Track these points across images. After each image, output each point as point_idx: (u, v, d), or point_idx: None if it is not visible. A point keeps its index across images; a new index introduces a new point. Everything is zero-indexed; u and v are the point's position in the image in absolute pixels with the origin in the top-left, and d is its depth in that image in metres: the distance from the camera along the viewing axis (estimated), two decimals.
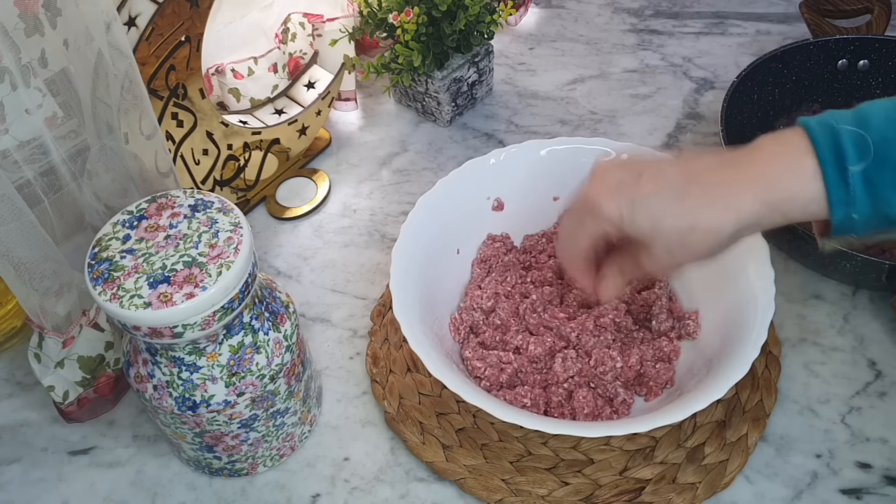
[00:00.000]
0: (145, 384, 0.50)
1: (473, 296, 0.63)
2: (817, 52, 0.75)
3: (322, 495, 0.57)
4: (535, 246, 0.67)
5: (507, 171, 0.65)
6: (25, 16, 0.46)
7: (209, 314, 0.46)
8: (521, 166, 0.65)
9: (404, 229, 0.60)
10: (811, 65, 0.75)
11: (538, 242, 0.67)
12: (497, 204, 0.66)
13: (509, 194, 0.66)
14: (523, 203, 0.66)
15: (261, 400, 0.52)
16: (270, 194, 0.78)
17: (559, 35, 0.95)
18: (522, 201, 0.66)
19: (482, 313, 0.63)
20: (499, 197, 0.66)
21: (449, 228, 0.64)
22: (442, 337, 0.60)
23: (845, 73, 0.75)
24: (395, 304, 0.55)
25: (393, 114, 0.86)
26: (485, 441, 0.59)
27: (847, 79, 0.75)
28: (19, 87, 0.48)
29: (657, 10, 0.97)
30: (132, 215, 0.49)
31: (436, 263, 0.62)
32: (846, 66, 0.74)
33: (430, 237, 0.62)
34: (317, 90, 0.80)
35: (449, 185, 0.64)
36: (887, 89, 0.75)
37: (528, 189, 0.66)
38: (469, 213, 0.65)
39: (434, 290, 0.61)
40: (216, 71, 0.76)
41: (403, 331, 0.54)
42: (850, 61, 0.74)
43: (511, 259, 0.66)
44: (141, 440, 0.61)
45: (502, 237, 0.66)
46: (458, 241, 0.65)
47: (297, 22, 0.79)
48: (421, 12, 0.75)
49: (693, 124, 0.82)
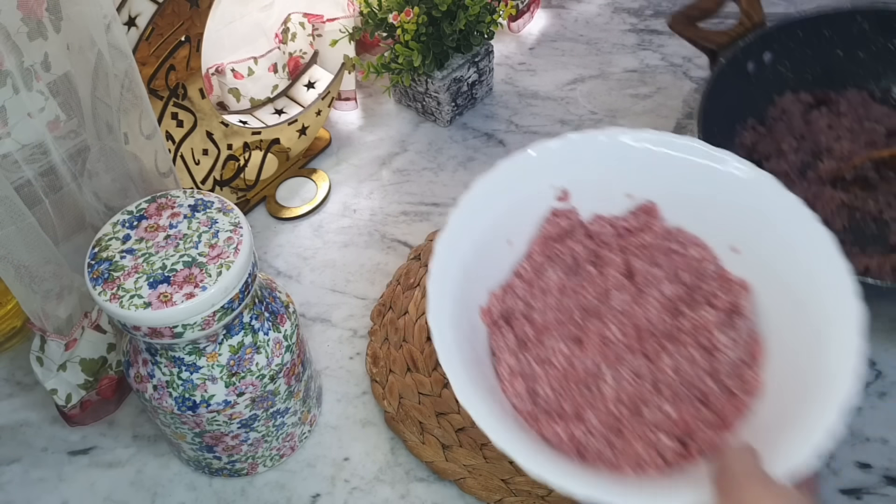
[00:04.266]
0: (145, 384, 0.51)
1: (520, 279, 0.53)
2: (730, 70, 0.68)
3: (322, 495, 0.57)
4: (601, 232, 0.55)
5: (578, 157, 0.54)
6: (29, 19, 0.46)
7: (209, 314, 0.46)
8: (594, 154, 0.54)
9: (455, 216, 0.50)
10: (731, 84, 0.68)
11: (606, 229, 0.55)
12: (562, 195, 0.55)
13: (577, 185, 0.55)
14: (592, 196, 0.55)
15: (261, 400, 0.52)
16: (270, 194, 0.78)
17: (559, 35, 0.95)
18: (591, 194, 0.55)
19: (524, 303, 0.52)
20: (565, 187, 0.55)
21: (504, 217, 0.53)
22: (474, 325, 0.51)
23: (757, 73, 0.71)
24: (429, 306, 0.46)
25: (393, 114, 0.86)
26: (485, 441, 0.59)
27: (761, 77, 0.72)
28: (21, 90, 0.48)
29: (657, 10, 0.97)
30: (132, 215, 0.49)
31: (482, 256, 0.52)
32: (755, 67, 0.71)
33: (482, 226, 0.52)
34: (317, 90, 0.80)
35: (510, 169, 0.53)
36: (798, 72, 0.71)
37: (599, 181, 0.55)
38: (528, 201, 0.54)
39: (474, 286, 0.51)
40: (216, 71, 0.76)
41: (434, 340, 0.45)
42: (756, 61, 0.71)
43: (577, 248, 0.54)
44: (141, 440, 0.61)
45: (567, 212, 0.55)
46: (510, 232, 0.54)
47: (297, 22, 0.79)
48: (421, 12, 0.75)
49: (693, 124, 0.82)
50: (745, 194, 0.51)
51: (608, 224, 0.55)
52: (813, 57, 0.69)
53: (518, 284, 0.53)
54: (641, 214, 0.54)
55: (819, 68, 0.70)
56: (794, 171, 0.67)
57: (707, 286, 0.51)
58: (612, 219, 0.55)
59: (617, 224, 0.55)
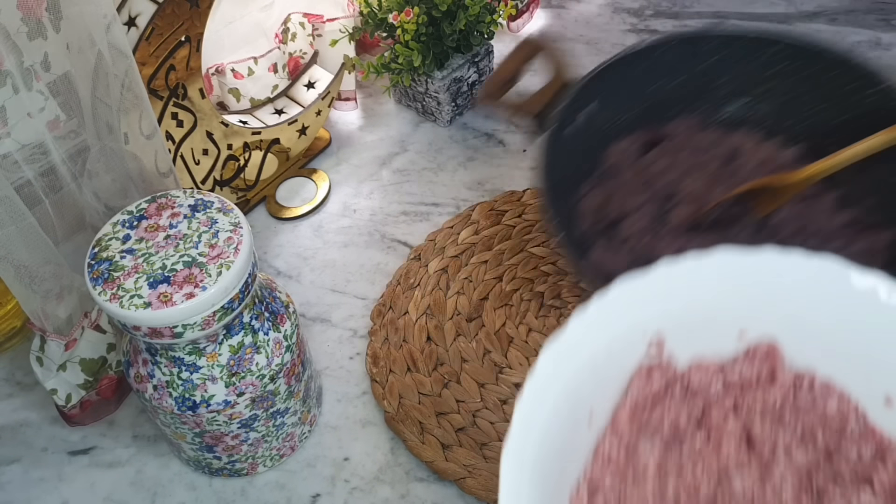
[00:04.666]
0: (145, 384, 0.51)
1: (606, 465, 0.38)
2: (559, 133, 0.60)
3: (322, 495, 0.57)
4: (706, 388, 0.40)
5: (674, 289, 0.40)
6: (28, 19, 0.46)
7: (209, 314, 0.46)
8: (696, 283, 0.40)
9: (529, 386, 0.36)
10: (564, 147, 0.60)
11: (710, 381, 0.40)
12: (655, 341, 0.40)
13: (674, 325, 0.40)
14: (692, 336, 0.41)
15: (261, 400, 0.52)
16: (270, 194, 0.78)
17: (559, 35, 0.95)
18: (691, 334, 0.40)
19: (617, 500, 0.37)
20: (659, 332, 0.40)
21: (583, 380, 0.38)
22: None
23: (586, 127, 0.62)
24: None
25: (393, 114, 0.86)
26: (484, 441, 0.59)
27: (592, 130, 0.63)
28: (21, 90, 0.48)
29: (657, 10, 0.97)
30: (132, 215, 0.49)
31: (558, 439, 0.37)
32: (584, 119, 0.62)
33: (557, 400, 0.37)
34: (317, 90, 0.80)
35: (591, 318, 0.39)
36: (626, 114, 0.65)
37: (702, 316, 0.40)
38: (612, 355, 0.39)
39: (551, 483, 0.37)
40: (216, 71, 0.76)
41: None
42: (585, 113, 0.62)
43: (676, 414, 0.39)
44: (141, 440, 0.61)
45: (661, 366, 0.40)
46: (591, 400, 0.39)
47: (297, 22, 0.79)
48: (421, 12, 0.75)
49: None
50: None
51: (715, 375, 0.41)
52: (633, 96, 0.64)
53: (604, 475, 0.38)
54: (759, 360, 0.40)
55: (641, 107, 0.65)
56: (651, 226, 0.59)
57: (854, 452, 0.38)
58: (721, 367, 0.40)
59: (729, 377, 0.40)
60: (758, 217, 0.59)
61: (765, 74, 0.64)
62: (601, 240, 0.59)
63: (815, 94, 0.63)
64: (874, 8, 0.94)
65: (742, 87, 0.65)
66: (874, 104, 0.59)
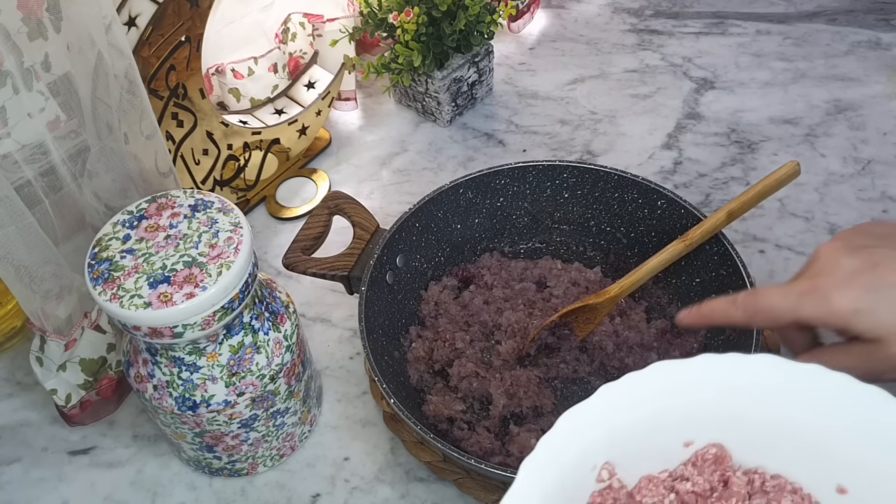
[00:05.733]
0: (145, 384, 0.51)
1: None
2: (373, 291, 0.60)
3: (322, 495, 0.57)
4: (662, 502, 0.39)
5: (615, 414, 0.38)
6: (28, 19, 0.46)
7: (209, 314, 0.46)
8: (637, 402, 0.39)
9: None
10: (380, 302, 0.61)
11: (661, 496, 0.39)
12: (605, 471, 0.39)
13: (621, 450, 0.39)
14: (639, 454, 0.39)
15: (261, 400, 0.52)
16: (270, 194, 0.78)
17: (559, 35, 0.95)
18: (637, 451, 0.39)
19: None
20: (607, 461, 0.39)
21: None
22: None
23: (397, 280, 0.63)
24: None
25: (393, 114, 0.86)
26: None
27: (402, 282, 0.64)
28: (21, 90, 0.48)
29: (657, 10, 0.97)
30: (132, 215, 0.49)
31: None
32: (393, 275, 0.63)
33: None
34: (317, 90, 0.80)
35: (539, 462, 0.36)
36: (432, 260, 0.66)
37: (646, 434, 0.39)
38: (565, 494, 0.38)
39: None
40: (216, 71, 0.76)
41: None
42: (392, 269, 0.63)
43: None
44: (141, 440, 0.61)
45: (609, 490, 0.38)
46: None
47: (297, 22, 0.79)
48: (421, 12, 0.75)
49: (693, 124, 0.82)
50: (843, 411, 0.37)
51: (664, 489, 0.39)
52: (438, 240, 0.66)
53: None
54: (709, 466, 0.39)
55: (448, 248, 0.67)
56: (481, 365, 0.60)
57: None
58: (670, 479, 0.39)
59: (679, 487, 0.39)
60: (579, 339, 0.61)
61: (558, 200, 0.67)
62: (438, 384, 0.61)
63: (608, 212, 0.66)
64: (874, 8, 0.94)
65: (539, 214, 0.68)
66: (662, 216, 0.64)
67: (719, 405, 0.39)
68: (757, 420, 0.38)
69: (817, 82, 0.86)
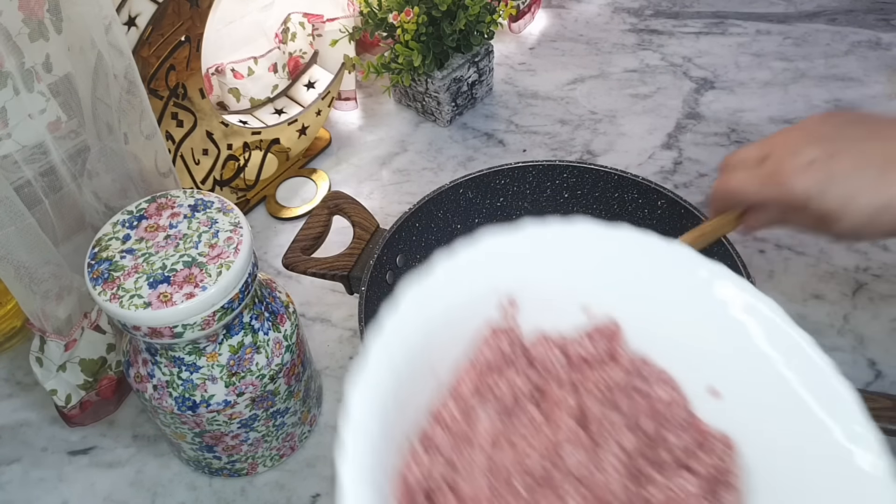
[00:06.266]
0: (145, 384, 0.51)
1: (441, 426, 0.37)
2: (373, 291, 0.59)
3: (322, 495, 0.57)
4: (548, 361, 0.40)
5: (534, 252, 0.40)
6: (30, 20, 0.46)
7: (209, 314, 0.46)
8: (555, 249, 0.40)
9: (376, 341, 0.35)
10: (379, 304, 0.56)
11: (552, 355, 0.40)
12: (507, 303, 0.40)
13: (528, 290, 0.40)
14: (539, 306, 0.41)
15: (261, 400, 0.52)
16: (270, 194, 0.78)
17: (559, 35, 0.95)
18: (539, 303, 0.40)
19: (446, 463, 0.36)
20: (512, 293, 0.40)
21: (432, 335, 0.37)
22: None
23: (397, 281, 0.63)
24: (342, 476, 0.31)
25: (393, 114, 0.86)
26: None
27: None
28: (22, 91, 0.48)
29: (657, 10, 0.97)
30: (132, 215, 0.49)
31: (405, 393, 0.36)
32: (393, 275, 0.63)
33: (406, 350, 0.36)
34: (317, 90, 0.80)
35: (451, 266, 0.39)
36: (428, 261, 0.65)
37: (552, 286, 0.40)
38: (464, 311, 0.39)
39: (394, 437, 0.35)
40: (216, 71, 0.76)
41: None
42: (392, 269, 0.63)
43: (518, 382, 0.39)
44: (141, 440, 0.61)
45: (508, 331, 0.40)
46: (438, 357, 0.38)
47: (297, 22, 0.79)
48: (421, 12, 0.75)
49: (693, 124, 0.82)
50: (735, 322, 0.38)
51: (556, 349, 0.40)
52: (438, 240, 0.66)
53: (439, 434, 0.36)
54: (601, 339, 0.40)
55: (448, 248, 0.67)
56: None
57: (677, 440, 0.38)
58: (563, 342, 0.40)
59: (570, 351, 0.40)
60: None
61: (558, 200, 0.67)
62: None
63: (608, 212, 0.66)
64: (874, 8, 0.94)
65: (539, 214, 0.67)
66: (662, 216, 0.63)
67: (627, 282, 0.40)
68: (655, 308, 0.39)
69: (817, 82, 0.86)
